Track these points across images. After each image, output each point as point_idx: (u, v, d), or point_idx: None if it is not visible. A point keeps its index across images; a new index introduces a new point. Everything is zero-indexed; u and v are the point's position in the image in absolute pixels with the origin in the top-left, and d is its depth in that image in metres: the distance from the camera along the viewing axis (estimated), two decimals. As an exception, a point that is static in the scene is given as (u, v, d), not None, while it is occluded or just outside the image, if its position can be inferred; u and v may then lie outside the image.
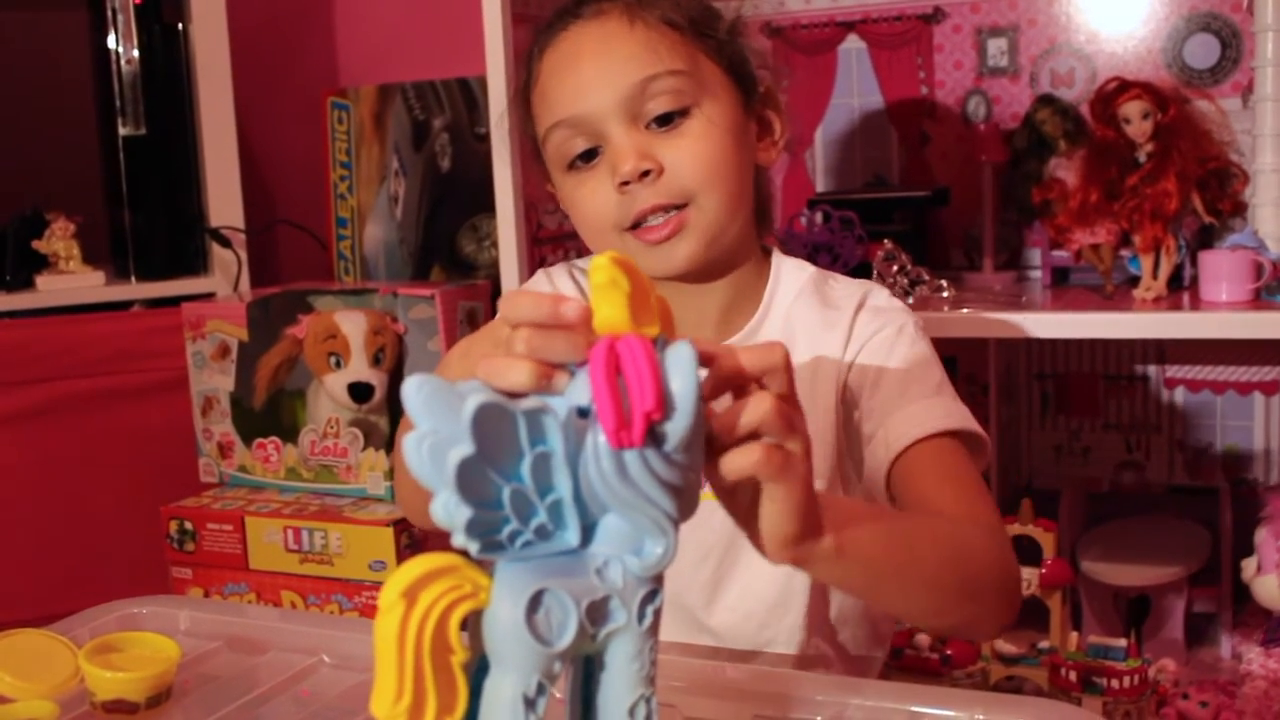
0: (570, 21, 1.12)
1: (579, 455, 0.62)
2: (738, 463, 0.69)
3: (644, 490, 0.62)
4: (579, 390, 0.64)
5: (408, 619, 0.56)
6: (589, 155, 1.10)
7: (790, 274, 1.20)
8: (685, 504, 0.64)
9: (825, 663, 1.19)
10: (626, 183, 1.07)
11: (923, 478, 1.03)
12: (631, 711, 0.64)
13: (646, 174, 1.07)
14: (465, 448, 0.58)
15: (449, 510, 0.59)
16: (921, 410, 1.08)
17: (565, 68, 1.11)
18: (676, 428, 0.63)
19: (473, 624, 0.60)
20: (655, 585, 0.64)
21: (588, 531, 0.63)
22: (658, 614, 0.65)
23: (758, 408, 0.69)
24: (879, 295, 1.20)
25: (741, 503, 0.73)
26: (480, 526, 0.59)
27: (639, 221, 1.09)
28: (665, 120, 1.08)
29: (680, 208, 1.09)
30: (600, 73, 1.08)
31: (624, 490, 0.62)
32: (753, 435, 0.69)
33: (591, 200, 1.11)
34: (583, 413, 0.63)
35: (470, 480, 0.58)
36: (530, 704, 0.59)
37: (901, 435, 1.07)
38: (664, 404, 0.62)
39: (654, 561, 0.63)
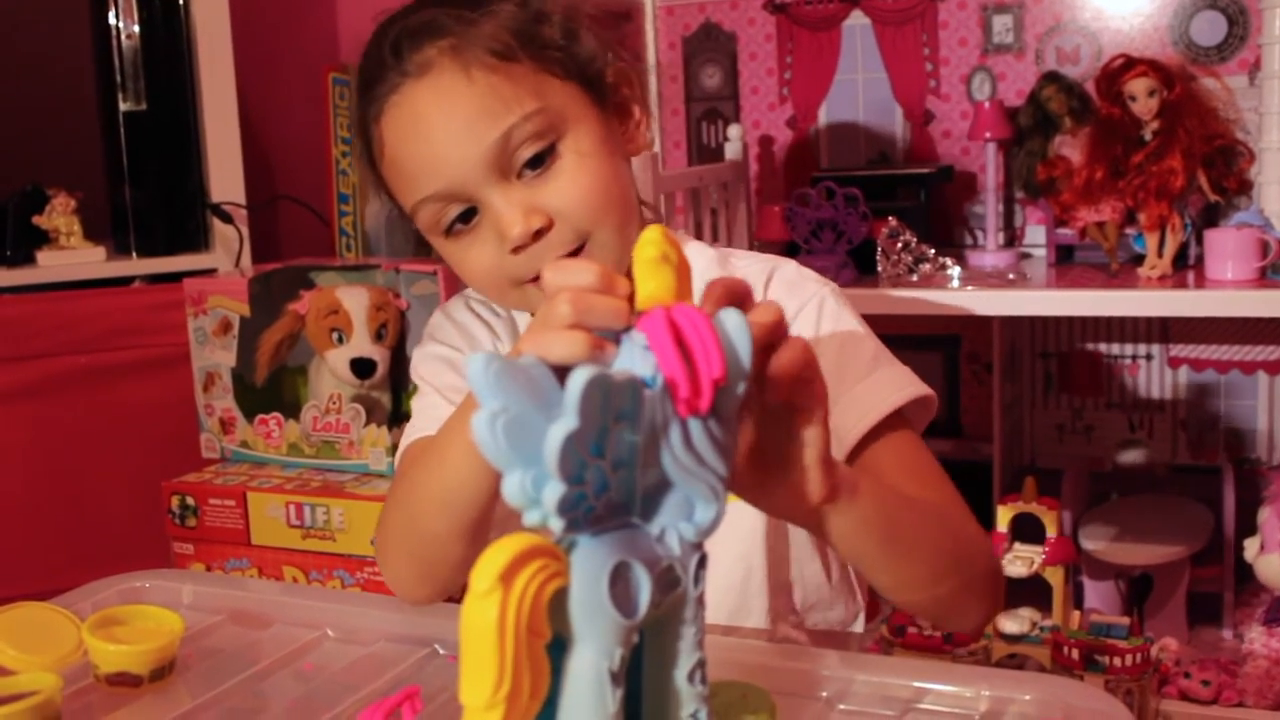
0: (398, 81, 1.03)
1: (647, 425, 0.61)
2: (787, 356, 0.71)
3: (704, 457, 0.63)
4: (629, 361, 0.63)
5: (506, 603, 0.55)
6: (466, 215, 1.03)
7: (692, 256, 1.16)
8: (731, 466, 0.65)
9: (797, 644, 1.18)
10: (519, 247, 1.01)
11: (886, 473, 1.00)
12: (690, 676, 0.65)
13: (540, 232, 1.01)
14: (569, 422, 0.56)
15: (526, 489, 0.57)
16: (865, 393, 1.04)
17: (412, 138, 1.02)
18: (735, 393, 0.64)
19: (549, 603, 0.59)
20: (703, 551, 0.65)
21: (643, 501, 0.63)
22: (706, 578, 0.65)
23: (797, 347, 0.71)
24: (787, 269, 1.15)
25: (770, 450, 0.75)
26: (565, 504, 0.58)
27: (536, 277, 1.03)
28: (535, 162, 1.01)
29: (579, 249, 1.03)
30: (454, 139, 1.00)
31: (686, 458, 0.62)
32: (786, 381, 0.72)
33: (481, 262, 1.04)
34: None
35: (567, 456, 0.57)
36: (615, 678, 0.59)
37: (851, 426, 1.03)
38: (727, 371, 0.62)
39: (707, 526, 0.64)
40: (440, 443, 0.97)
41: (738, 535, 1.13)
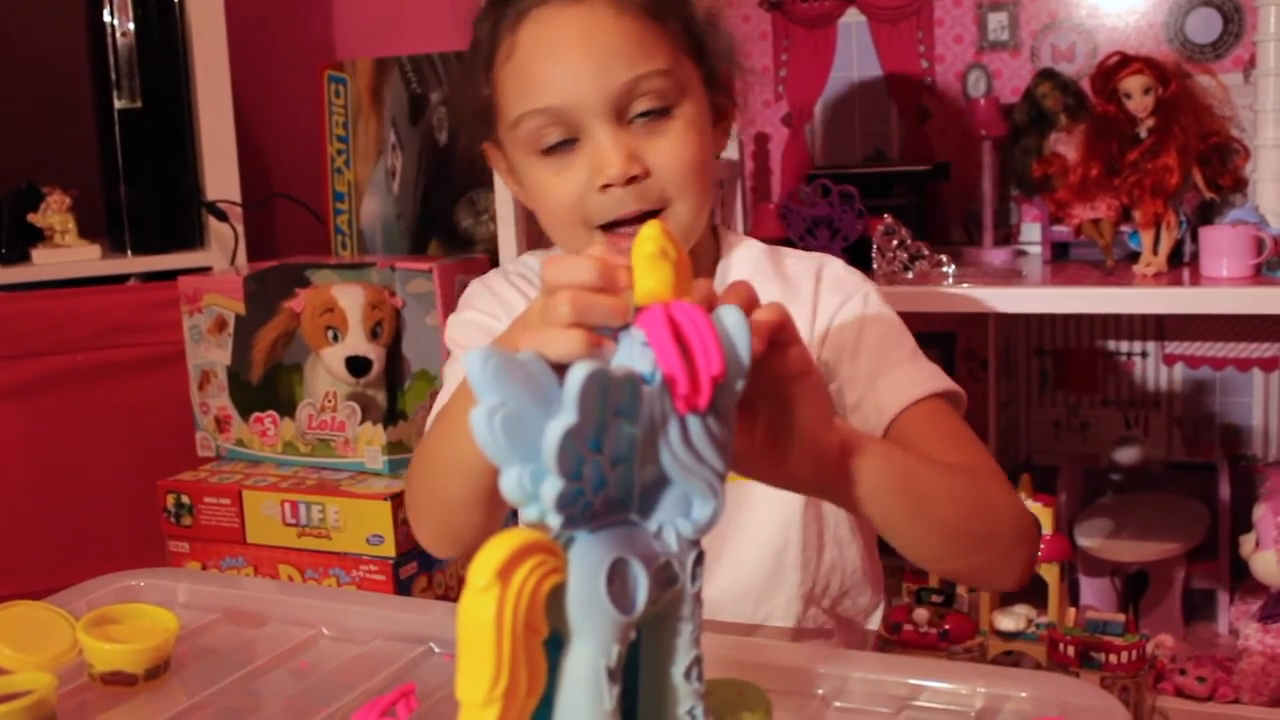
0: None
1: (646, 422, 0.61)
2: (765, 312, 0.72)
3: (702, 453, 0.63)
4: (628, 357, 0.63)
5: (504, 599, 0.55)
6: (564, 143, 1.07)
7: (741, 251, 1.20)
8: (728, 462, 0.65)
9: (825, 634, 1.19)
10: (609, 185, 1.05)
11: (923, 438, 1.04)
12: (687, 673, 0.65)
13: (633, 178, 1.05)
14: (568, 417, 0.57)
15: (524, 484, 0.58)
16: (906, 375, 1.09)
17: (547, 52, 1.06)
18: (734, 390, 0.65)
19: (546, 599, 0.59)
20: (700, 547, 0.65)
21: (641, 498, 0.63)
22: (703, 575, 0.65)
23: (776, 307, 0.73)
24: (834, 265, 1.20)
25: (777, 427, 0.77)
26: (563, 500, 0.58)
27: (612, 222, 1.07)
28: (646, 115, 1.06)
29: (656, 212, 1.06)
30: (587, 66, 1.04)
31: (685, 454, 0.62)
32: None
33: (564, 193, 1.07)
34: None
35: (566, 452, 0.57)
36: (612, 675, 0.59)
37: (892, 401, 1.07)
38: (725, 368, 0.63)
39: (705, 522, 0.64)
40: (452, 409, 0.98)
41: (779, 506, 1.15)
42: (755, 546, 1.16)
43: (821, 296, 1.16)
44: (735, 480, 1.13)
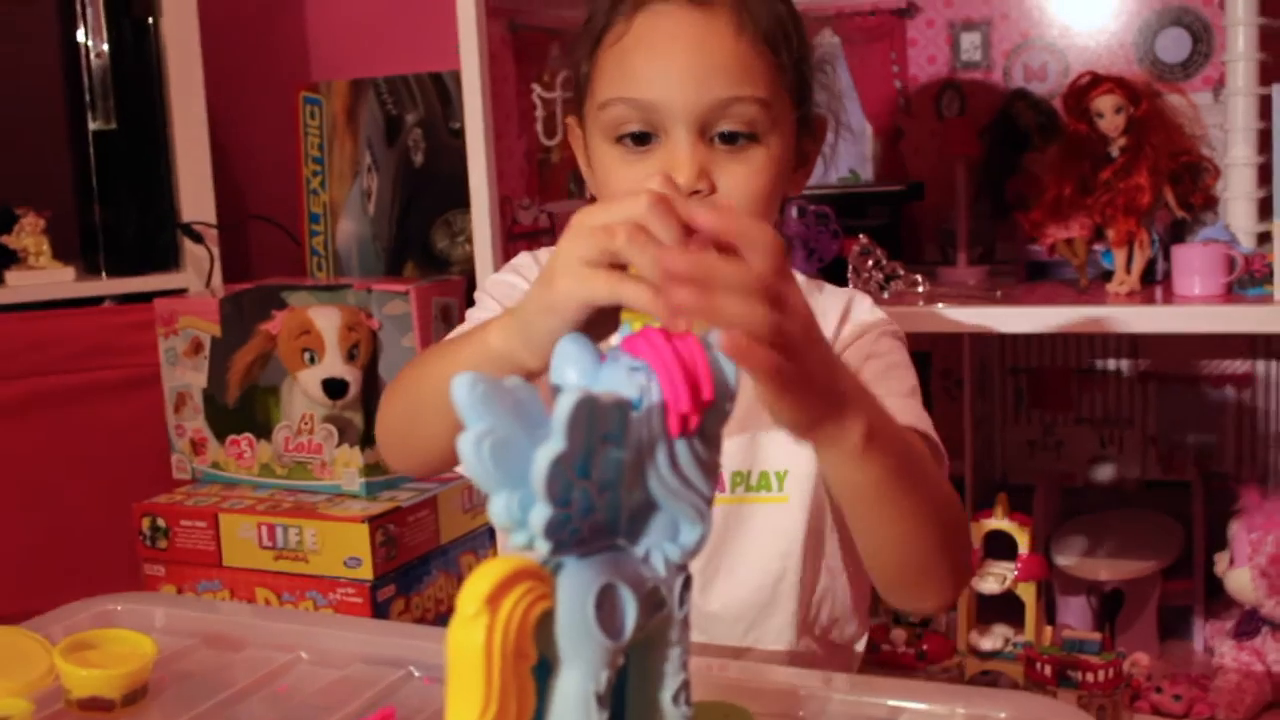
0: None
1: (633, 447, 0.62)
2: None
3: (689, 477, 0.63)
4: (615, 382, 0.63)
5: (493, 626, 0.55)
6: (642, 138, 1.08)
7: None
8: (714, 486, 0.66)
9: (815, 661, 1.19)
10: None
11: None
12: (675, 698, 0.65)
13: (697, 192, 1.05)
14: (557, 444, 0.57)
15: (513, 511, 0.57)
16: (894, 406, 1.08)
17: (654, 48, 1.07)
18: (720, 414, 0.65)
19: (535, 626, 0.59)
20: (687, 572, 0.65)
21: (629, 523, 0.64)
22: (690, 600, 0.66)
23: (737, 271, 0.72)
24: (863, 303, 1.21)
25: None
26: (552, 527, 0.58)
27: None
28: (730, 139, 1.06)
29: None
30: (688, 72, 1.05)
31: (672, 479, 0.63)
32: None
33: (629, 185, 1.07)
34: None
35: (554, 479, 0.57)
36: (600, 701, 0.59)
37: None
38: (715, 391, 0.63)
39: (692, 547, 0.64)
40: (458, 341, 0.96)
41: (781, 533, 1.15)
42: (754, 572, 1.16)
43: (843, 335, 1.17)
44: (738, 501, 1.14)
